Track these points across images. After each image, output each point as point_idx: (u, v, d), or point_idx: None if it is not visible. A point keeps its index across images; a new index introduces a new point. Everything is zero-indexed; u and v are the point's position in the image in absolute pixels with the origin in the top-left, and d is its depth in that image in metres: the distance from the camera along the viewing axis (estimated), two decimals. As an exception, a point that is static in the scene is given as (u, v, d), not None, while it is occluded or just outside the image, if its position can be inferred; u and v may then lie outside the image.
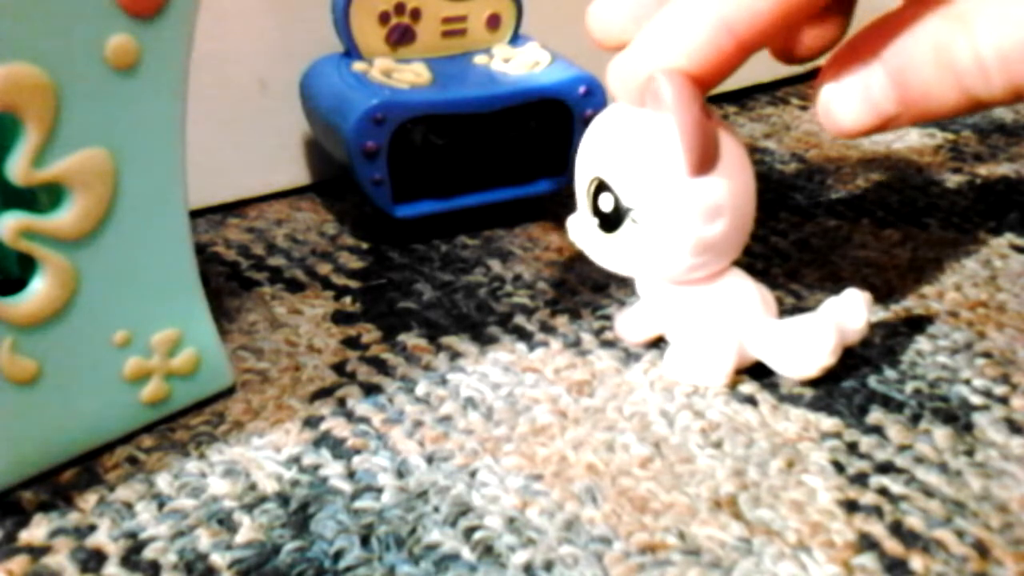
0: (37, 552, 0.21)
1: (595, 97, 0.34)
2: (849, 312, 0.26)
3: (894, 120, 0.24)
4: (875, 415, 0.26)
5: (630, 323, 0.29)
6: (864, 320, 0.27)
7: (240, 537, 0.22)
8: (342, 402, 0.26)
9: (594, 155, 0.26)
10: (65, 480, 0.23)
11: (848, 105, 0.24)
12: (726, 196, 0.25)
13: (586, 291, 0.32)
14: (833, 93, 0.25)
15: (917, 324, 0.30)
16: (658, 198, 0.25)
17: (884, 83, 0.24)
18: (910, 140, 0.44)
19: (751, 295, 0.27)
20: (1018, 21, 0.22)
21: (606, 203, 0.25)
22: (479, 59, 0.35)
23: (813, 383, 0.27)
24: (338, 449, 0.24)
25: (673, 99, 0.23)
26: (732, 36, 0.23)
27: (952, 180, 0.40)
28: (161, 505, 0.23)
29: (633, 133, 0.25)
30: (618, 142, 0.25)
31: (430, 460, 0.24)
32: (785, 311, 0.28)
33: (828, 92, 0.25)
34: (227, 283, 0.32)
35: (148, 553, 0.21)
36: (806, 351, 0.26)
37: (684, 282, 0.26)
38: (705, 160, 0.24)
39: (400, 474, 0.24)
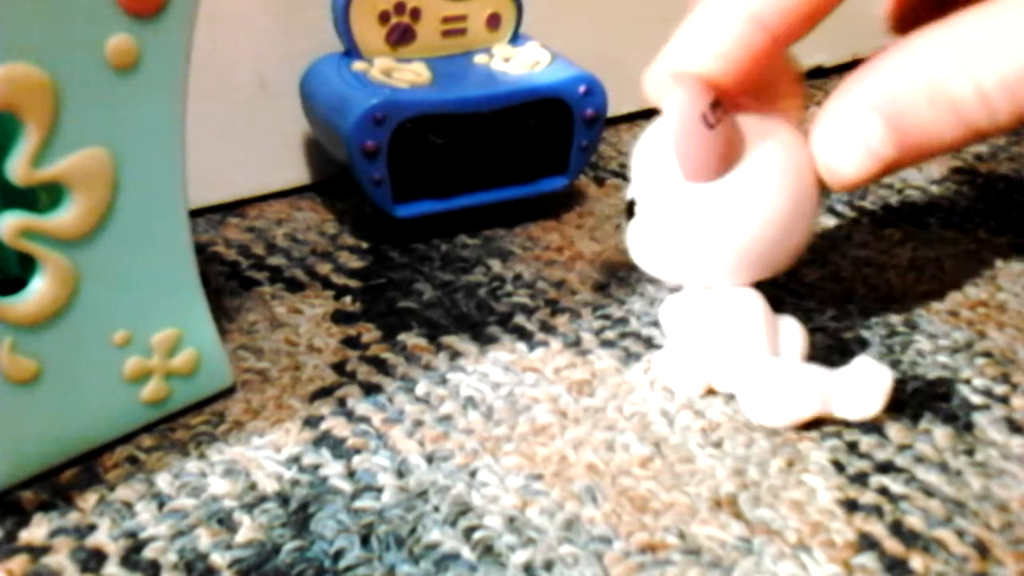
0: (37, 552, 0.21)
1: (595, 97, 0.34)
2: (860, 388, 0.25)
3: (896, 163, 0.24)
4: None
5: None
6: (873, 412, 0.25)
7: (240, 537, 0.22)
8: (342, 402, 0.26)
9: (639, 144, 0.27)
10: (65, 480, 0.23)
11: (847, 156, 0.24)
12: (735, 208, 0.24)
13: (586, 291, 0.32)
14: (829, 146, 0.24)
15: (917, 324, 0.30)
16: (654, 194, 0.25)
17: (880, 130, 0.23)
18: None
19: (752, 325, 0.25)
20: (1018, 47, 0.22)
21: (629, 190, 0.26)
22: (479, 59, 0.35)
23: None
24: (338, 449, 0.24)
25: (669, 103, 0.23)
26: (764, 30, 0.23)
27: (952, 180, 0.40)
28: (161, 505, 0.23)
29: (661, 129, 0.25)
30: (648, 136, 0.26)
31: (430, 460, 0.24)
32: (785, 310, 0.28)
33: (824, 145, 0.24)
34: (227, 283, 0.32)
35: (148, 553, 0.21)
36: (778, 399, 0.25)
37: (695, 288, 0.26)
38: (699, 167, 0.24)
39: (400, 474, 0.24)
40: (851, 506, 0.23)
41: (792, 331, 0.26)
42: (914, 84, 0.23)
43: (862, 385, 0.25)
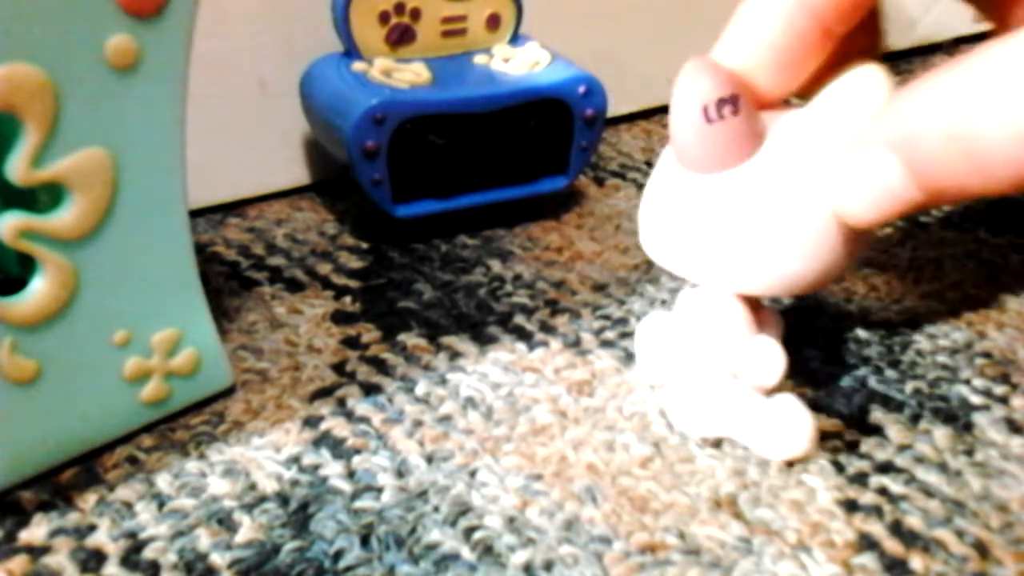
0: (37, 552, 0.21)
1: (595, 97, 0.34)
2: (777, 428, 0.24)
3: (920, 205, 0.22)
4: (875, 415, 0.26)
5: None
6: (789, 455, 0.24)
7: (240, 537, 0.22)
8: (342, 402, 0.26)
9: None
10: (65, 480, 0.23)
11: (866, 199, 0.22)
12: (726, 206, 0.23)
13: (586, 291, 0.32)
14: (847, 187, 0.22)
15: (917, 324, 0.30)
16: (671, 174, 0.25)
17: (901, 174, 0.22)
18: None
19: (704, 331, 0.24)
20: None
21: None
22: (479, 59, 0.35)
23: (813, 383, 0.27)
24: (338, 449, 0.24)
25: (677, 88, 0.23)
26: (813, 17, 0.23)
27: (952, 180, 0.40)
28: (161, 505, 0.23)
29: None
30: None
31: (430, 460, 0.24)
32: (785, 310, 0.28)
33: (842, 187, 0.23)
34: (227, 283, 0.32)
35: (148, 553, 0.21)
36: (685, 410, 0.25)
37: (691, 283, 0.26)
38: (691, 158, 0.23)
39: (400, 474, 0.24)
40: (851, 506, 0.23)
41: (763, 353, 0.24)
42: (934, 134, 0.21)
43: (779, 425, 0.24)
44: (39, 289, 0.21)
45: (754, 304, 0.25)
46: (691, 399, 0.24)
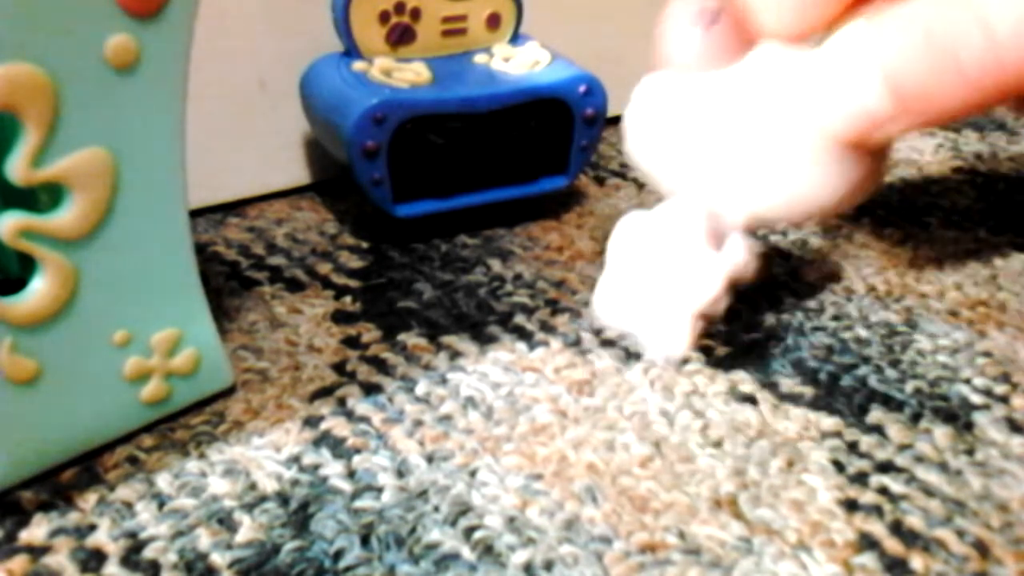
0: (37, 552, 0.21)
1: (595, 97, 0.34)
2: (666, 331, 0.24)
3: (890, 122, 0.22)
4: (875, 414, 0.26)
5: None
6: (671, 355, 0.24)
7: (240, 537, 0.22)
8: (342, 402, 0.26)
9: None
10: (65, 480, 0.23)
11: (836, 108, 0.23)
12: (701, 110, 0.24)
13: (586, 291, 0.32)
14: (822, 99, 0.23)
15: (917, 323, 0.30)
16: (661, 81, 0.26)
17: (876, 84, 0.22)
18: (910, 139, 0.44)
19: (651, 231, 0.25)
20: None
21: None
22: (479, 58, 0.35)
23: (813, 382, 0.27)
24: (338, 449, 0.24)
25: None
26: None
27: (952, 179, 0.40)
28: (161, 505, 0.23)
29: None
30: None
31: (430, 459, 0.24)
32: (785, 310, 0.28)
33: (818, 99, 0.23)
34: (227, 283, 0.32)
35: (148, 553, 0.21)
36: (598, 298, 0.25)
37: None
38: (662, 54, 0.25)
39: (400, 474, 0.24)
40: (851, 506, 0.23)
41: (703, 273, 0.24)
42: (911, 35, 0.21)
43: (667, 328, 0.24)
44: (39, 289, 0.21)
45: (719, 235, 0.25)
46: (608, 289, 0.25)
